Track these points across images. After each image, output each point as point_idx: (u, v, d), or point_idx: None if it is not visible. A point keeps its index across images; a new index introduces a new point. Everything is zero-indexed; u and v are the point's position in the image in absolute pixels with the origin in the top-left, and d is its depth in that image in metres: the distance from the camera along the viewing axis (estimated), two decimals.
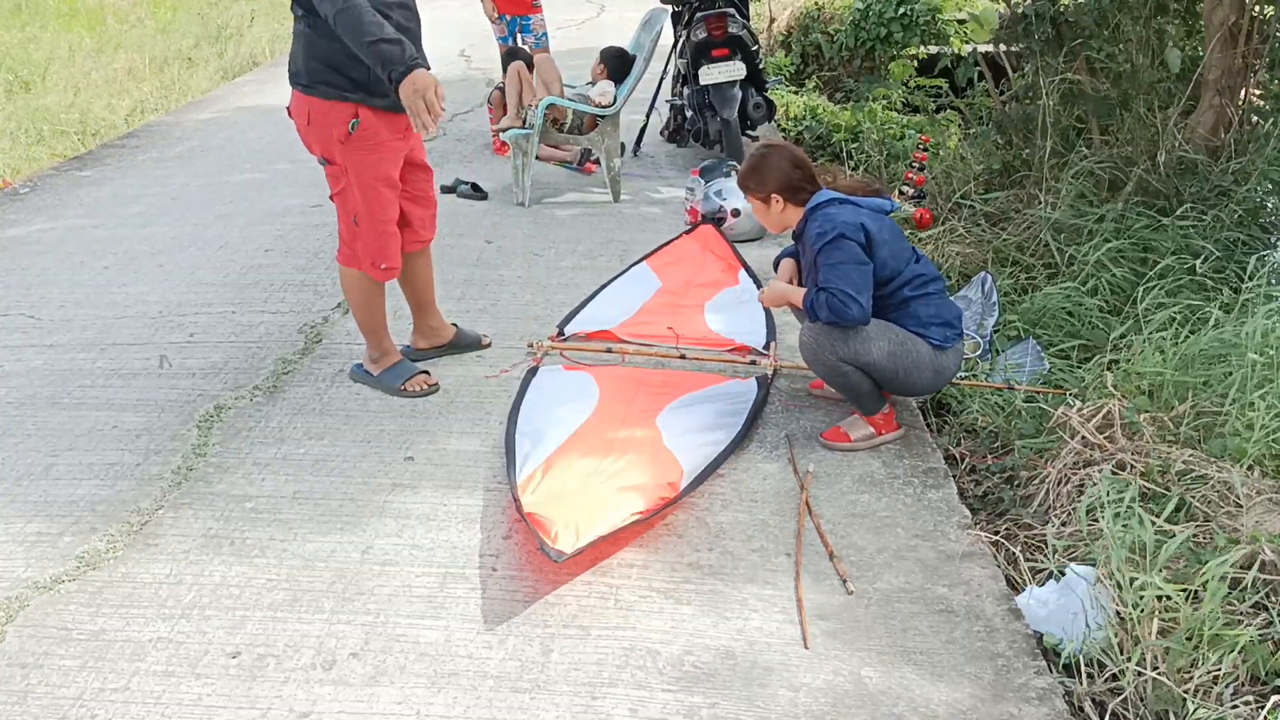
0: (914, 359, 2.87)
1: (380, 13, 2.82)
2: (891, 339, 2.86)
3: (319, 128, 2.99)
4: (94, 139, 7.08)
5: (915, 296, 2.91)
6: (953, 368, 2.96)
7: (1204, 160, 4.04)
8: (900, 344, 2.87)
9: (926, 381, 2.94)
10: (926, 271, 2.96)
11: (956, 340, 2.93)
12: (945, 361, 2.92)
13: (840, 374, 2.89)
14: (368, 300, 3.31)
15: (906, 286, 2.91)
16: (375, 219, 3.13)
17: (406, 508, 2.79)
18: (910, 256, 2.95)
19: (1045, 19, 4.73)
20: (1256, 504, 2.41)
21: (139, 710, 2.13)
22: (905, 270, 2.90)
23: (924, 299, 2.91)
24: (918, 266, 2.95)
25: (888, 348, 2.85)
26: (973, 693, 2.13)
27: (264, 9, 11.70)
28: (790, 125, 6.74)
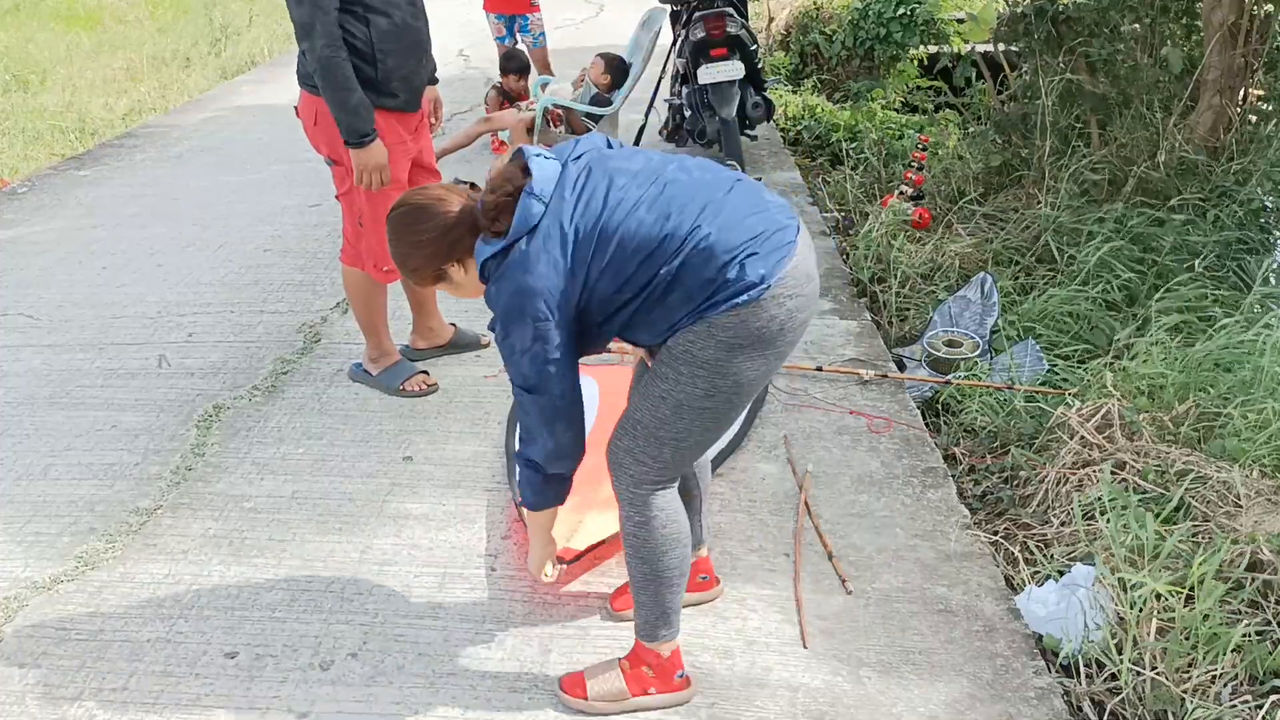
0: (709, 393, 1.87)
1: (386, 8, 2.87)
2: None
3: (324, 127, 2.99)
4: (92, 139, 7.07)
5: (670, 281, 1.82)
6: (759, 337, 1.84)
7: (1204, 160, 4.04)
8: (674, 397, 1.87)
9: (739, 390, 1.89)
10: (677, 225, 1.81)
11: (745, 290, 1.80)
12: (743, 330, 1.81)
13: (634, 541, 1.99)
14: (369, 300, 3.31)
15: (649, 287, 1.83)
16: (381, 220, 3.10)
17: (405, 508, 2.79)
18: (648, 207, 1.83)
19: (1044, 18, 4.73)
20: (1255, 504, 2.41)
21: (137, 710, 2.13)
22: (639, 252, 1.81)
23: (681, 273, 1.81)
24: (665, 224, 1.81)
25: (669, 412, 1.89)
26: (972, 693, 2.13)
27: (263, 9, 11.69)
28: (789, 125, 6.74)
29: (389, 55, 2.92)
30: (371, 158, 2.93)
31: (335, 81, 2.81)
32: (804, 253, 1.89)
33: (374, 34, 2.87)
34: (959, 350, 3.54)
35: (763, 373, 1.91)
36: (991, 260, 4.16)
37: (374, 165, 2.94)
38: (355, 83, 2.84)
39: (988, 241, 4.32)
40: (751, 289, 1.81)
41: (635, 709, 2.07)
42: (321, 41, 2.77)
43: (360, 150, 2.91)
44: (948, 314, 3.80)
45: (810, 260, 1.91)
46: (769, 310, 1.82)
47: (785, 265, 1.83)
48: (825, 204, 5.33)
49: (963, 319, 3.75)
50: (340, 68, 2.80)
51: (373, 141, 2.91)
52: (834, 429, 3.12)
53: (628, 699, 2.07)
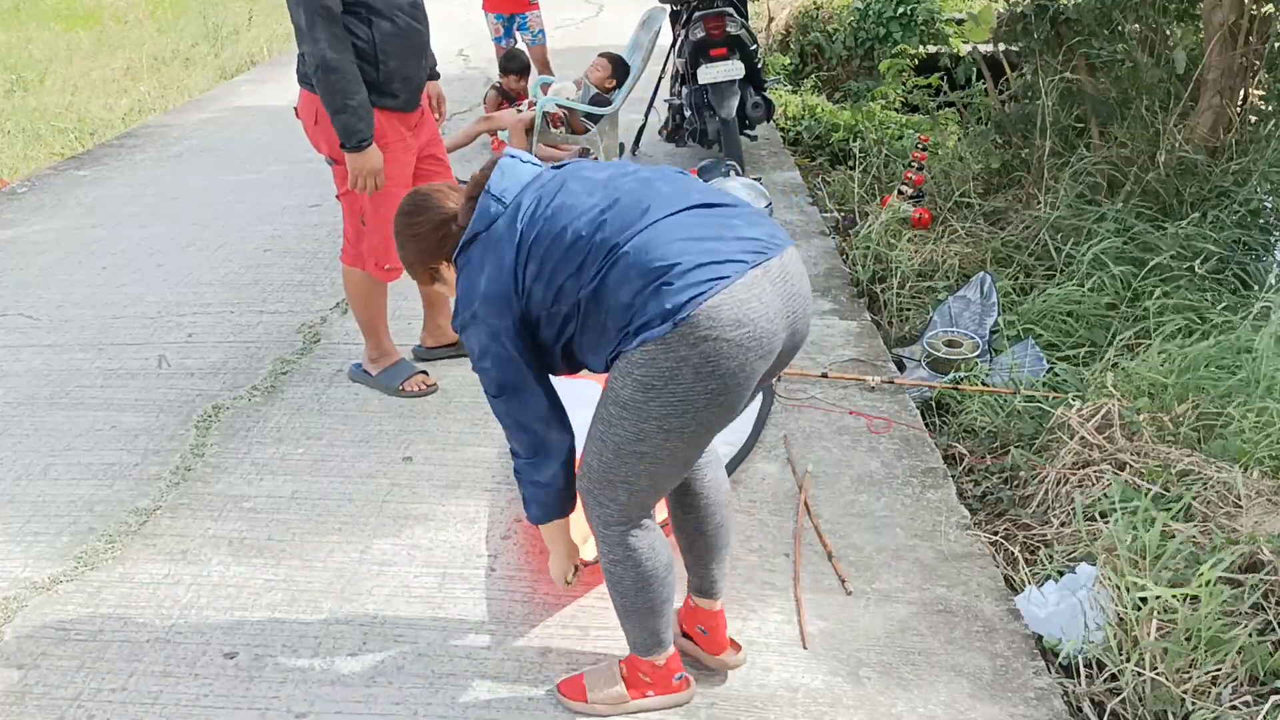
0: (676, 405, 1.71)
1: (389, 11, 2.88)
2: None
3: (325, 127, 2.99)
4: (92, 139, 7.07)
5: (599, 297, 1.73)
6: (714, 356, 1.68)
7: (1204, 160, 4.04)
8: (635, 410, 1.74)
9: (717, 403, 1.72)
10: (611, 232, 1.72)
11: (651, 323, 1.66)
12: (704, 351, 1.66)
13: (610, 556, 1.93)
14: (369, 299, 3.31)
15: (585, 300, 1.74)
16: (383, 219, 3.10)
17: (405, 508, 2.79)
18: (590, 223, 1.74)
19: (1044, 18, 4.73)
20: (1256, 504, 2.41)
21: (137, 710, 2.12)
22: (570, 267, 1.74)
23: (601, 293, 1.72)
24: (598, 232, 1.73)
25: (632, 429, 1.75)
26: (971, 693, 2.13)
27: (262, 9, 11.68)
28: (789, 125, 6.74)
29: (391, 57, 2.93)
30: (367, 162, 2.93)
31: (334, 85, 2.82)
32: (752, 293, 1.66)
33: (376, 35, 2.89)
34: (959, 350, 3.54)
35: (695, 421, 1.72)
36: (991, 260, 4.16)
37: (368, 170, 2.95)
38: (357, 87, 2.85)
39: (987, 241, 4.32)
40: (655, 322, 1.65)
41: (636, 710, 2.07)
42: (324, 44, 2.78)
43: (356, 155, 2.91)
44: (947, 314, 3.80)
45: (765, 303, 1.68)
46: (678, 350, 1.65)
47: (703, 301, 1.63)
48: (825, 204, 5.33)
49: (962, 319, 3.75)
50: (342, 71, 2.81)
51: (369, 146, 2.92)
52: (834, 429, 3.12)
53: (627, 702, 2.06)
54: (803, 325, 1.81)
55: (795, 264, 1.79)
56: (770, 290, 1.71)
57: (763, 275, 1.71)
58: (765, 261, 1.72)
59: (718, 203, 1.81)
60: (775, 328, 1.72)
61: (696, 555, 2.09)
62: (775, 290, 1.72)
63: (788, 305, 1.74)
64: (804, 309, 1.80)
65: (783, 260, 1.75)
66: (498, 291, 1.80)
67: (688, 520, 2.06)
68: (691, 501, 2.04)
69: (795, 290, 1.76)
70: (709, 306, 1.64)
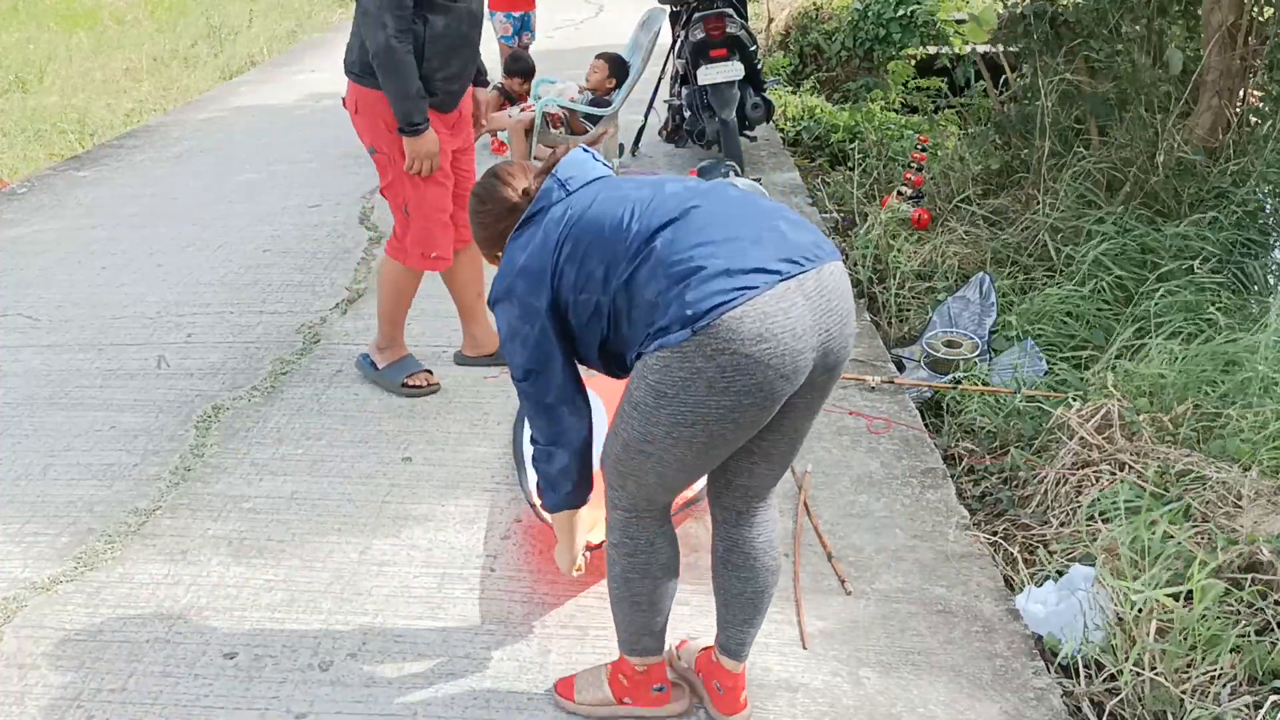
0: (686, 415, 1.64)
1: (447, 13, 2.92)
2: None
3: (366, 117, 3.03)
4: (92, 139, 7.07)
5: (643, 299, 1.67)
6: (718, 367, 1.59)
7: (1203, 161, 4.04)
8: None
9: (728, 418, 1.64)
10: (649, 223, 1.69)
11: (668, 328, 1.61)
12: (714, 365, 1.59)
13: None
14: (397, 289, 3.32)
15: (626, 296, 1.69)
16: (426, 206, 3.14)
17: (404, 508, 2.79)
18: (634, 227, 1.70)
19: (1044, 19, 4.73)
20: (1255, 504, 2.41)
21: (136, 711, 2.12)
22: (619, 266, 1.70)
23: (631, 287, 1.68)
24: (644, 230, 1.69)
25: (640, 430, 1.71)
26: (971, 693, 2.13)
27: (262, 9, 11.69)
28: (788, 126, 6.74)
29: (435, 57, 2.95)
30: (423, 145, 2.99)
31: (397, 71, 2.87)
32: (780, 306, 1.58)
33: (428, 34, 2.91)
34: (958, 350, 3.55)
35: (705, 434, 1.64)
36: (991, 261, 4.17)
37: (425, 153, 3.00)
38: (415, 73, 2.90)
39: (987, 242, 4.32)
40: (674, 328, 1.58)
41: (619, 715, 2.05)
42: (391, 30, 2.82)
43: (414, 139, 2.96)
44: (947, 314, 3.80)
45: (794, 319, 1.58)
46: (693, 360, 1.58)
47: (725, 311, 1.55)
48: (825, 204, 5.33)
49: (962, 319, 3.75)
50: (404, 58, 2.86)
51: (425, 130, 2.97)
52: (833, 429, 3.12)
53: (613, 705, 2.05)
54: (839, 347, 1.69)
55: (837, 280, 1.68)
56: (803, 306, 1.61)
57: (796, 289, 1.61)
58: (802, 274, 1.62)
59: (767, 205, 1.75)
60: (802, 346, 1.61)
61: (732, 614, 1.97)
62: (809, 306, 1.61)
63: (821, 323, 1.63)
64: (841, 329, 1.68)
65: (822, 275, 1.65)
66: (536, 266, 1.77)
67: (729, 577, 1.94)
68: (739, 560, 1.92)
69: (832, 308, 1.65)
70: (731, 318, 1.56)
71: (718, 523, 1.94)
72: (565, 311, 1.78)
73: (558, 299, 1.77)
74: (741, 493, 1.88)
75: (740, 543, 1.91)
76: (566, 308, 1.77)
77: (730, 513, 1.91)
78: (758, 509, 1.91)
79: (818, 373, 1.69)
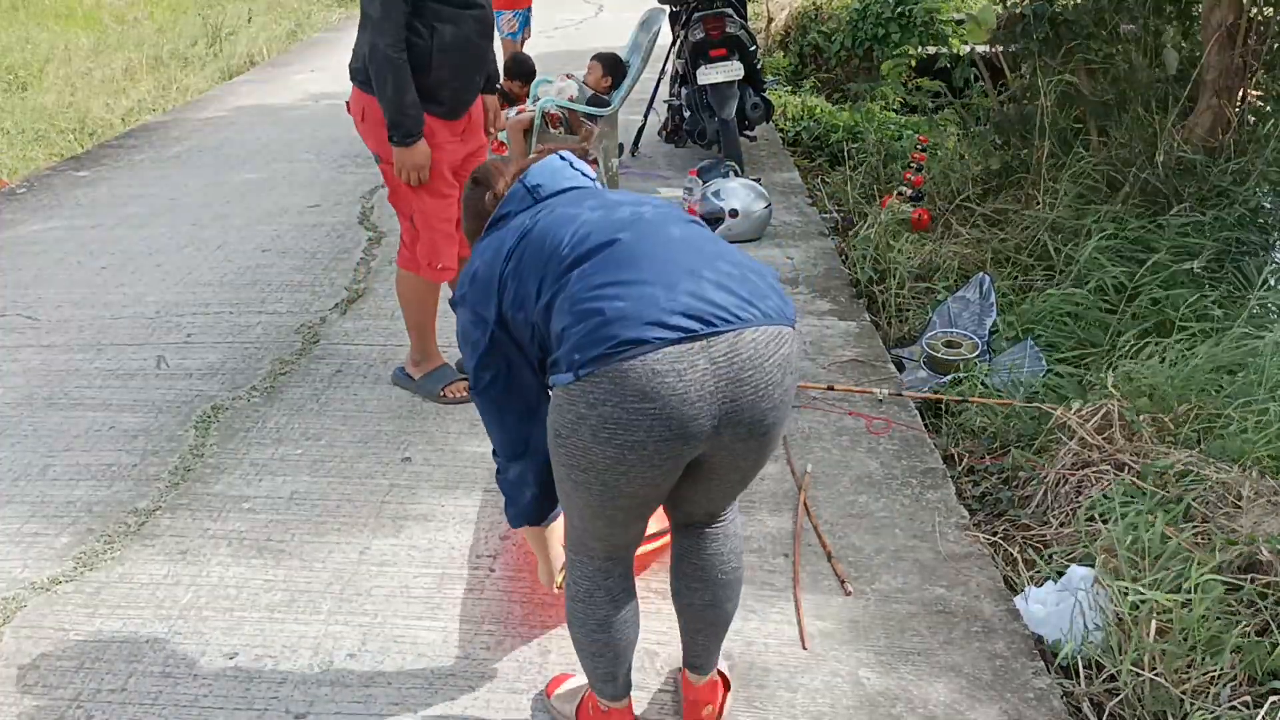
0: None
1: (456, 20, 2.89)
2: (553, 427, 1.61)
3: (372, 124, 3.01)
4: (91, 139, 7.07)
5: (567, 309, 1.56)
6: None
7: (1202, 161, 4.04)
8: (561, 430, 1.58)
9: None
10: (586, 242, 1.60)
11: (556, 367, 1.56)
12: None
13: None
14: (420, 301, 3.30)
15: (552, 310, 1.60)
16: (431, 217, 3.11)
17: (404, 508, 2.79)
18: (567, 253, 1.61)
19: (1043, 19, 4.73)
20: (1255, 504, 2.41)
21: (136, 711, 2.12)
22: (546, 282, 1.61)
23: (551, 314, 1.60)
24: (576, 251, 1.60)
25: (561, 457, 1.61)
26: (971, 693, 2.13)
27: (262, 9, 11.69)
28: (788, 125, 6.74)
29: (443, 67, 2.92)
30: (411, 157, 2.95)
31: (391, 80, 2.84)
32: (675, 367, 1.45)
33: (435, 43, 2.88)
34: (958, 351, 3.54)
35: (601, 483, 1.55)
36: (990, 261, 4.17)
37: (413, 164, 2.96)
38: (409, 84, 2.86)
39: (987, 242, 4.32)
40: (563, 368, 1.51)
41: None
42: (388, 40, 2.80)
43: (401, 149, 2.93)
44: (946, 314, 3.80)
45: (688, 383, 1.45)
46: (577, 406, 1.49)
47: (611, 362, 1.45)
48: (824, 204, 5.33)
49: (961, 319, 3.75)
50: (399, 68, 2.83)
51: (416, 142, 2.93)
52: (833, 429, 3.12)
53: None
54: (753, 418, 1.53)
55: (760, 348, 1.51)
56: (705, 370, 1.47)
57: (699, 351, 1.47)
58: (712, 335, 1.47)
59: (707, 249, 1.59)
60: (695, 413, 1.47)
61: (685, 624, 1.92)
62: (712, 371, 1.47)
63: (725, 391, 1.48)
64: (754, 400, 1.51)
65: (739, 339, 1.49)
66: (485, 275, 1.70)
67: (680, 587, 1.88)
68: (689, 570, 1.86)
69: (744, 378, 1.49)
70: (615, 370, 1.45)
71: (673, 531, 1.88)
72: (509, 326, 1.69)
73: (501, 312, 1.68)
74: (686, 514, 1.82)
75: (689, 552, 1.84)
76: (509, 323, 1.69)
77: (681, 525, 1.85)
78: (711, 524, 1.84)
79: (730, 439, 1.55)
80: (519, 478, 1.84)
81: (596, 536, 1.72)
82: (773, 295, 1.57)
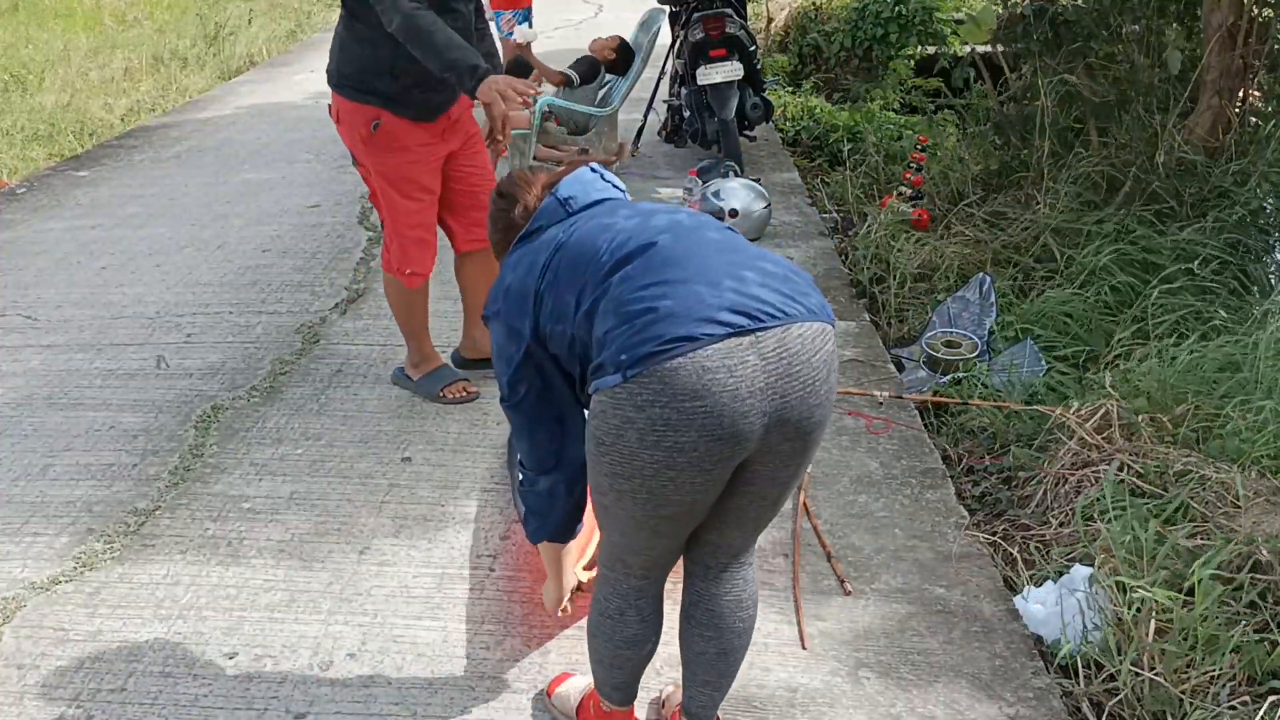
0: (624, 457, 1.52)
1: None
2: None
3: (346, 126, 2.98)
4: (91, 139, 7.07)
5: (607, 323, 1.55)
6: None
7: (1203, 161, 4.04)
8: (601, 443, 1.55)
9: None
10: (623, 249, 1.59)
11: (601, 370, 1.52)
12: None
13: None
14: (406, 304, 3.27)
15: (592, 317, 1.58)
16: (400, 222, 3.07)
17: (404, 509, 2.79)
18: (606, 260, 1.60)
19: (1043, 19, 4.73)
20: (1254, 504, 2.41)
21: (136, 711, 2.12)
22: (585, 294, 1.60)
23: (593, 319, 1.58)
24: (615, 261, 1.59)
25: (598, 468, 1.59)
26: (970, 693, 2.13)
27: (262, 8, 11.68)
28: (788, 126, 6.74)
29: (409, 74, 2.83)
30: (493, 86, 2.65)
31: (428, 39, 2.66)
32: (725, 363, 1.43)
33: (402, 51, 2.76)
34: (957, 351, 3.55)
35: (647, 490, 1.51)
36: (990, 261, 4.17)
37: (498, 91, 2.66)
38: (446, 33, 2.67)
39: (987, 243, 4.32)
40: (608, 370, 1.48)
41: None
42: (405, 7, 2.65)
43: (483, 88, 2.67)
44: (946, 314, 3.80)
45: (739, 379, 1.44)
46: (624, 409, 1.47)
47: (660, 361, 1.43)
48: (824, 204, 5.33)
49: (961, 319, 3.75)
50: (429, 23, 2.65)
51: (486, 74, 2.68)
52: (833, 429, 3.12)
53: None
54: (802, 416, 1.51)
55: (807, 342, 1.50)
56: (755, 366, 1.45)
57: (749, 346, 1.45)
58: (761, 331, 1.46)
59: (747, 250, 1.59)
60: (746, 410, 1.45)
61: (693, 673, 1.84)
62: (762, 367, 1.45)
63: (776, 387, 1.47)
64: (804, 397, 1.50)
65: (788, 334, 1.48)
66: (519, 290, 1.69)
67: (692, 634, 1.80)
68: (703, 617, 1.78)
69: (793, 372, 1.48)
70: (665, 369, 1.43)
71: (687, 575, 1.80)
72: (546, 340, 1.67)
73: (538, 326, 1.67)
74: (711, 549, 1.74)
75: (705, 598, 1.77)
76: (547, 337, 1.67)
77: (699, 566, 1.77)
78: (730, 566, 1.76)
79: (776, 440, 1.53)
80: (549, 491, 1.81)
81: (636, 551, 1.67)
82: (814, 293, 1.57)
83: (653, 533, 1.62)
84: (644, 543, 1.65)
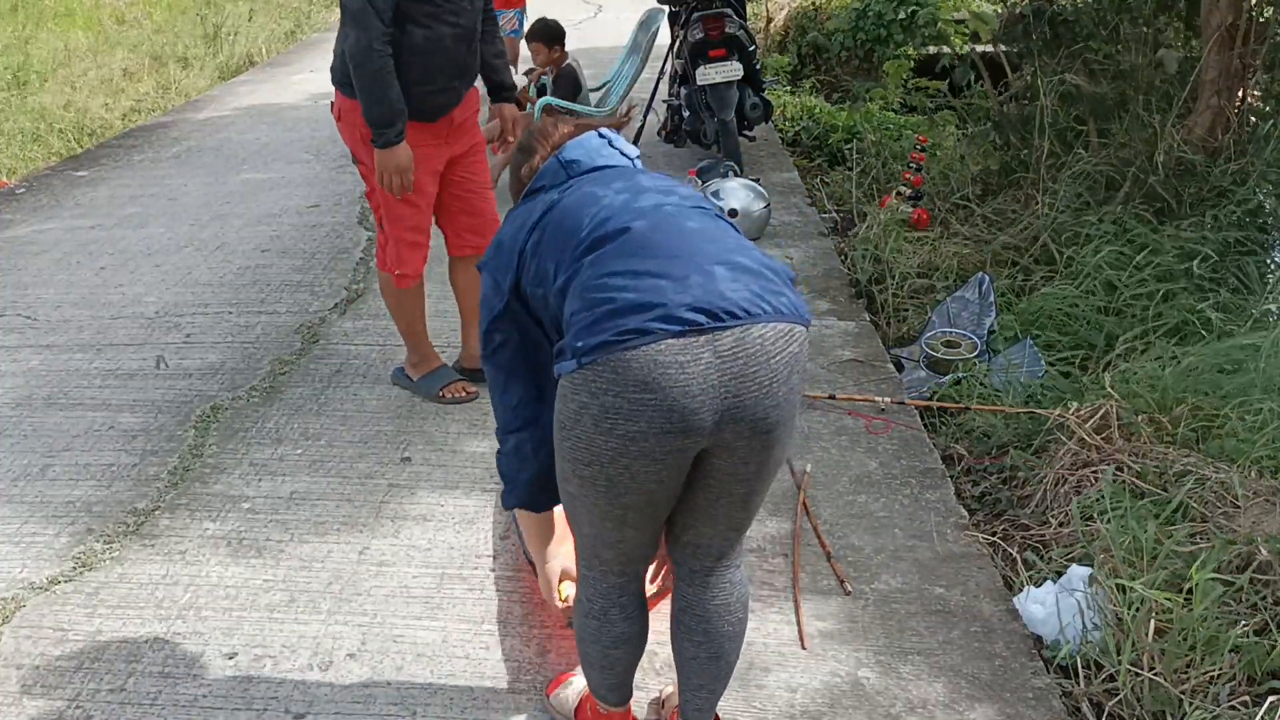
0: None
1: (430, 25, 2.82)
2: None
3: (348, 125, 2.98)
4: (90, 139, 7.07)
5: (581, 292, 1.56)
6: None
7: (1202, 161, 4.04)
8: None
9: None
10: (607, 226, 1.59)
11: (562, 354, 1.54)
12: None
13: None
14: (401, 305, 3.27)
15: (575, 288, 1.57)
16: (395, 222, 3.08)
17: (403, 508, 2.79)
18: (589, 226, 1.60)
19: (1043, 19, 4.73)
20: (1254, 504, 2.41)
21: (135, 711, 2.12)
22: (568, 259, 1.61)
23: (566, 296, 1.59)
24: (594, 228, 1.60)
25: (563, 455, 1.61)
26: (970, 693, 2.13)
27: (262, 8, 11.68)
28: (787, 126, 6.74)
29: (412, 69, 2.84)
30: (393, 159, 2.86)
31: (373, 78, 2.74)
32: (678, 359, 1.43)
33: (406, 43, 2.79)
34: (957, 351, 3.55)
35: (605, 478, 1.52)
36: (990, 261, 4.17)
37: (394, 167, 2.87)
38: (392, 83, 2.77)
39: (987, 243, 4.32)
40: (568, 355, 1.50)
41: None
42: (372, 34, 2.70)
43: (383, 151, 2.85)
44: (946, 314, 3.80)
45: (691, 376, 1.44)
46: (580, 395, 1.49)
47: (613, 351, 1.44)
48: (824, 204, 5.33)
49: (961, 319, 3.75)
50: (381, 64, 2.73)
51: (398, 144, 2.84)
52: (832, 429, 3.12)
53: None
54: (756, 416, 1.50)
55: (767, 344, 1.48)
56: (709, 363, 1.45)
57: (704, 344, 1.44)
58: (719, 330, 1.45)
59: (724, 241, 1.58)
60: (696, 406, 1.45)
61: (685, 678, 1.84)
62: (717, 365, 1.45)
63: (729, 386, 1.46)
64: (758, 396, 1.48)
65: (746, 334, 1.46)
66: (509, 247, 1.71)
67: (681, 639, 1.80)
68: (691, 623, 1.77)
69: (749, 373, 1.47)
70: (617, 359, 1.44)
71: (676, 580, 1.80)
72: (527, 300, 1.70)
73: (519, 285, 1.69)
74: (691, 550, 1.73)
75: (693, 604, 1.76)
76: (528, 298, 1.69)
77: (684, 570, 1.76)
78: (715, 570, 1.75)
79: (731, 437, 1.52)
80: (515, 449, 1.81)
81: (608, 544, 1.67)
82: (786, 292, 1.55)
83: (619, 523, 1.62)
84: (613, 534, 1.65)
